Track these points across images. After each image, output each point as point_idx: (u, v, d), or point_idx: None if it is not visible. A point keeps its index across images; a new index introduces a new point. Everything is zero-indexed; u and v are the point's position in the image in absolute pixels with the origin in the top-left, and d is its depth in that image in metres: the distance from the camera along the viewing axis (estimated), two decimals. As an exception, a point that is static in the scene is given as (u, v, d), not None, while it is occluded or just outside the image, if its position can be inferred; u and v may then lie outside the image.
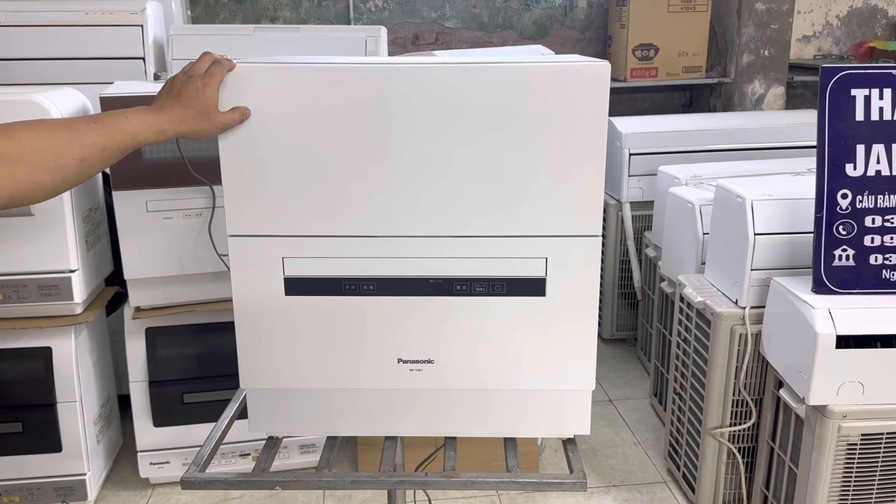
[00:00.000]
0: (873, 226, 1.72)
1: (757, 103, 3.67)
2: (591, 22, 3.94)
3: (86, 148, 1.02)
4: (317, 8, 3.74)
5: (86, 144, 1.03)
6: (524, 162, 1.14)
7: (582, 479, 1.19)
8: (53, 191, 1.02)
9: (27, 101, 1.84)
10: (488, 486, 1.19)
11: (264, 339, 1.23)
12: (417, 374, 1.24)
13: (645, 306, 3.00)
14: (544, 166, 1.14)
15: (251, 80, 1.12)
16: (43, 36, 2.52)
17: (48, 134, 1.00)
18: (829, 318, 1.65)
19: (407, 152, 1.14)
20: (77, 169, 1.02)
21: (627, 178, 2.99)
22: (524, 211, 1.16)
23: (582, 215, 1.16)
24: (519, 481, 1.19)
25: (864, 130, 1.71)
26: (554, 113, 1.12)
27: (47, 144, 0.99)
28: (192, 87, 1.10)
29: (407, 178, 1.15)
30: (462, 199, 1.16)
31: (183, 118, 1.10)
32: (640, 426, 2.65)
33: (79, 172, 1.03)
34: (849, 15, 4.05)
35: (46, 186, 1.00)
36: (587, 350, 1.23)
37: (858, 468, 1.72)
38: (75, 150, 1.01)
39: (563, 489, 1.19)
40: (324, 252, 1.18)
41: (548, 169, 1.14)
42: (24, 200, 0.99)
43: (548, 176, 1.15)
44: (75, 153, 1.01)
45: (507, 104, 1.12)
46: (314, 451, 2.32)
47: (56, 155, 0.99)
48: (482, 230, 1.17)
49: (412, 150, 1.14)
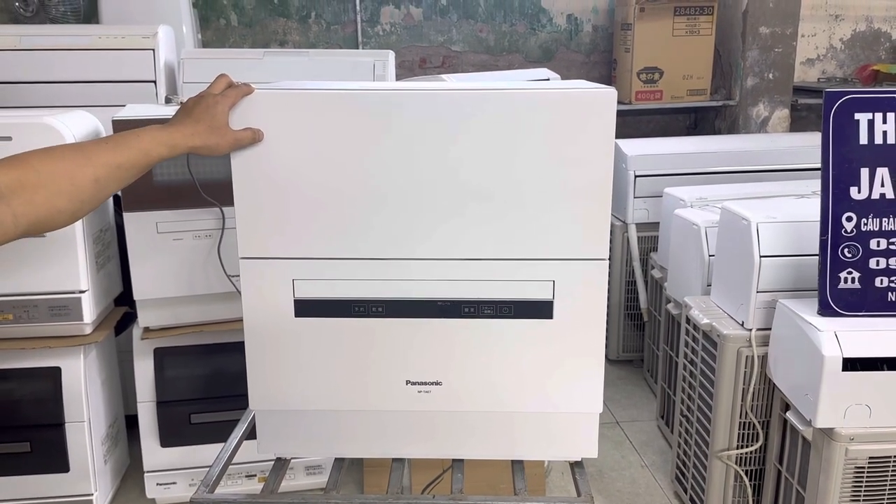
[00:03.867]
0: (878, 248, 1.73)
1: (761, 126, 3.69)
2: (595, 46, 3.98)
3: (99, 168, 1.04)
4: (325, 32, 3.79)
5: (98, 164, 1.04)
6: (532, 186, 1.16)
7: (590, 502, 1.19)
8: (72, 215, 1.03)
9: (40, 123, 1.87)
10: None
11: (274, 360, 1.24)
12: (425, 396, 1.24)
13: (651, 328, 3.00)
14: (551, 190, 1.16)
15: (263, 105, 1.15)
16: (56, 60, 2.56)
17: (61, 158, 1.02)
18: (836, 341, 1.66)
19: (415, 177, 1.16)
20: (93, 190, 1.03)
21: (633, 200, 3.00)
22: (531, 234, 1.17)
23: (589, 239, 1.17)
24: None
25: (868, 154, 1.72)
26: (561, 138, 1.14)
27: (62, 168, 1.01)
28: (203, 104, 1.13)
29: (416, 202, 1.17)
30: (470, 223, 1.17)
31: (194, 132, 1.12)
32: (647, 448, 2.64)
33: (95, 194, 1.04)
34: (852, 38, 4.08)
35: (65, 210, 1.01)
36: (594, 373, 1.23)
37: (867, 491, 1.71)
38: (88, 171, 1.03)
39: (570, 512, 1.19)
40: (333, 274, 1.20)
41: (555, 193, 1.16)
42: (45, 226, 1.00)
43: (555, 200, 1.16)
44: (88, 174, 1.02)
45: (514, 130, 1.14)
46: (321, 473, 2.32)
47: (71, 177, 1.01)
48: (490, 253, 1.18)
49: (421, 175, 1.16)
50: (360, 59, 2.72)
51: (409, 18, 3.82)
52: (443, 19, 3.84)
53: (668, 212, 2.63)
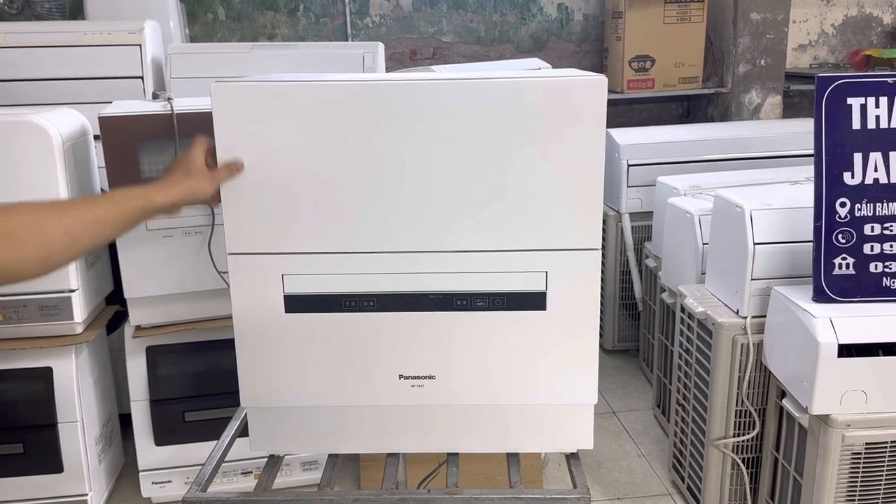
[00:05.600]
0: (872, 234, 1.72)
1: (754, 113, 3.69)
2: (587, 35, 3.96)
3: (72, 218, 1.05)
4: (314, 25, 3.76)
5: (72, 215, 1.06)
6: (523, 176, 1.15)
7: (586, 494, 1.19)
8: (41, 263, 1.02)
9: (26, 121, 1.85)
10: (491, 503, 1.18)
11: (265, 357, 1.23)
12: (419, 390, 1.23)
13: (646, 317, 2.99)
14: (543, 180, 1.15)
15: (250, 98, 1.13)
16: (42, 57, 2.53)
17: (34, 210, 1.03)
18: (831, 327, 1.65)
19: (406, 168, 1.14)
20: (64, 241, 1.03)
21: (626, 189, 2.99)
22: (523, 225, 1.16)
23: (581, 229, 1.17)
24: (522, 497, 1.19)
25: (861, 139, 1.71)
26: (552, 127, 1.13)
27: (32, 219, 1.01)
28: (177, 160, 1.20)
29: (406, 194, 1.15)
30: (461, 215, 1.16)
31: (171, 182, 1.16)
32: (643, 438, 2.64)
33: (67, 245, 1.04)
34: (844, 23, 4.07)
35: (32, 258, 1.00)
36: (589, 364, 1.23)
37: (863, 477, 1.71)
38: (59, 221, 1.04)
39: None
40: (324, 269, 1.18)
41: (547, 183, 1.15)
42: (13, 275, 1.00)
43: (547, 190, 1.15)
44: (59, 224, 1.03)
45: (505, 119, 1.13)
46: (316, 468, 2.31)
47: (39, 226, 1.02)
48: (482, 245, 1.17)
49: (411, 167, 1.14)
50: (349, 51, 2.70)
51: (398, 10, 3.79)
52: (433, 10, 3.82)
53: (661, 201, 2.62)
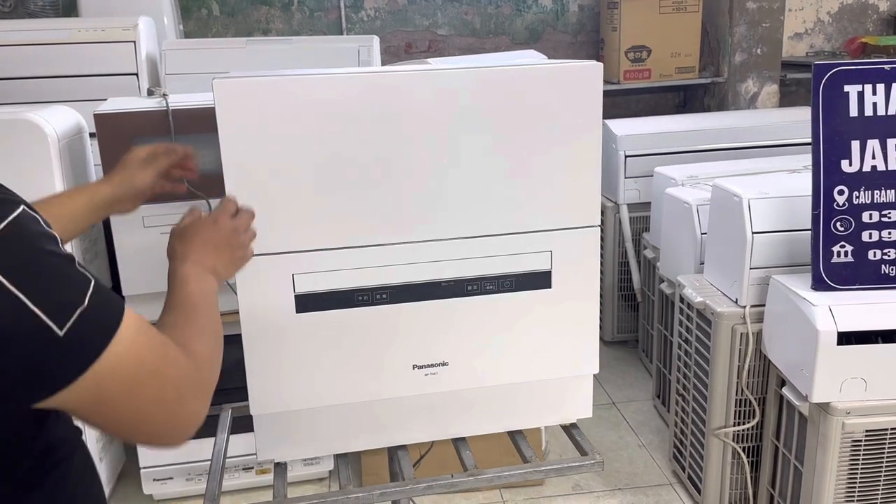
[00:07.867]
0: (871, 221, 1.72)
1: (751, 102, 3.68)
2: (582, 25, 3.95)
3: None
4: (309, 19, 3.75)
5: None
6: (525, 161, 1.17)
7: (598, 458, 1.24)
8: None
9: (22, 119, 1.84)
10: (513, 479, 1.22)
11: (277, 361, 1.20)
12: (432, 378, 1.24)
13: (645, 308, 2.99)
14: (545, 163, 1.17)
15: (254, 94, 1.11)
16: (36, 54, 2.52)
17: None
18: (830, 315, 1.65)
19: (408, 159, 1.15)
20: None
21: (624, 180, 2.99)
22: (528, 208, 1.19)
23: (582, 207, 1.21)
24: (542, 469, 1.24)
25: (858, 126, 1.71)
26: (550, 113, 1.15)
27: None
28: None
29: (411, 185, 1.16)
30: (467, 201, 1.17)
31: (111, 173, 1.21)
32: (643, 428, 2.64)
33: None
34: (840, 11, 4.06)
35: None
36: (591, 335, 1.28)
37: (864, 465, 1.71)
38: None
39: (582, 471, 1.25)
40: (334, 265, 1.17)
41: (548, 166, 1.17)
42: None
43: (548, 172, 1.18)
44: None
45: (506, 107, 1.14)
46: (318, 463, 2.31)
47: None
48: (489, 229, 1.19)
49: (413, 157, 1.15)
50: (344, 45, 2.69)
51: (393, 3, 3.78)
52: (428, 3, 3.80)
53: (659, 191, 2.62)
